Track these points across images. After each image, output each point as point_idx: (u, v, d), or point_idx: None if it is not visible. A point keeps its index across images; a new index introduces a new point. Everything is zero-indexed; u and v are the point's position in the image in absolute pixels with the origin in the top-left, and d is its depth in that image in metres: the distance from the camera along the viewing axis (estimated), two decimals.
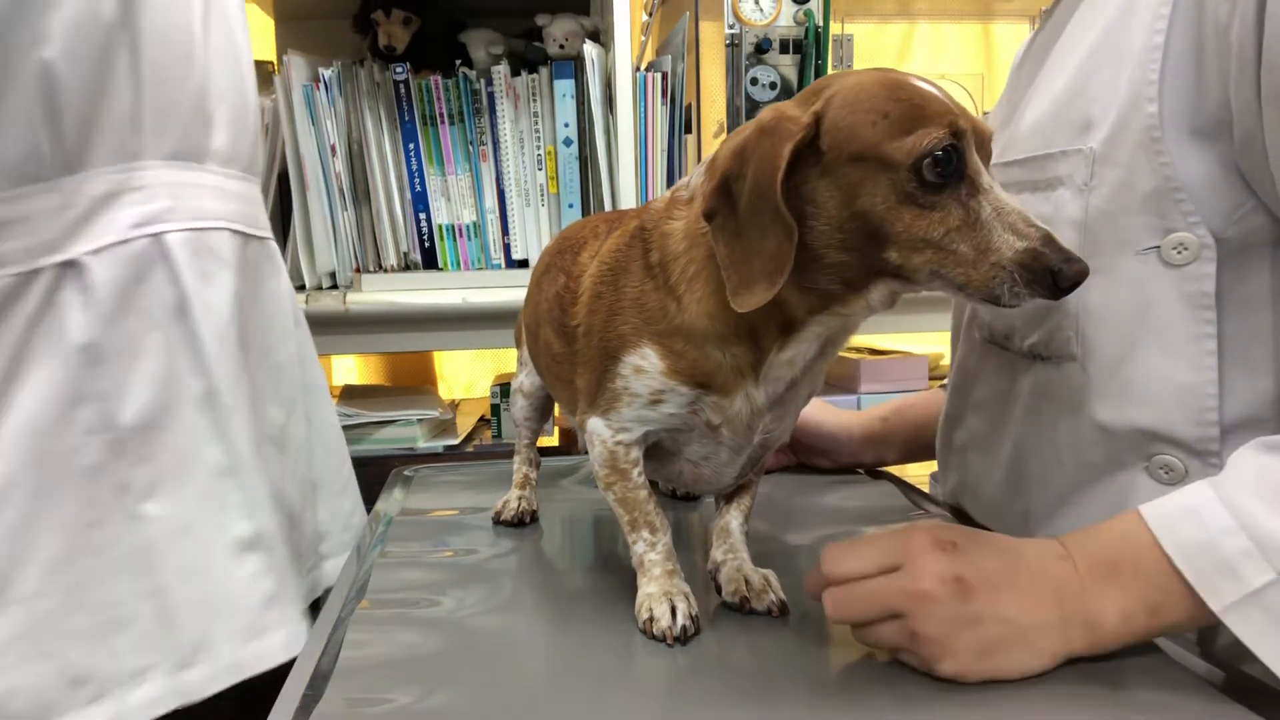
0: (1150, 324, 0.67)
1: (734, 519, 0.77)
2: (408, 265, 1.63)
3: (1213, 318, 0.65)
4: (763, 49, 1.62)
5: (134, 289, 0.71)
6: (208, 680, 0.73)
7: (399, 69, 1.58)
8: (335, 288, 1.61)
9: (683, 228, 0.66)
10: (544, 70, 1.61)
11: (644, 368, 0.67)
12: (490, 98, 1.61)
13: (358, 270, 1.61)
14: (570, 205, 1.63)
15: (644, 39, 1.91)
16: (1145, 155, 0.65)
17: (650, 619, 0.67)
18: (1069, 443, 0.73)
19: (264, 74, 1.75)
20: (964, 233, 0.57)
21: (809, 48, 1.62)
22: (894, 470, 1.12)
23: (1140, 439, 0.69)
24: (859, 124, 0.58)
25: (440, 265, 1.63)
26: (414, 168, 1.61)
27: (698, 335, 0.66)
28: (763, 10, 1.63)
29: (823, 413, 1.07)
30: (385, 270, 1.62)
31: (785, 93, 1.64)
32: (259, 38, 2.03)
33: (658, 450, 0.74)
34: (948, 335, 0.99)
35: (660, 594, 0.69)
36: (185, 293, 0.74)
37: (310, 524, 0.90)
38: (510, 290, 1.56)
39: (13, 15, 0.64)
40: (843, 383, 1.77)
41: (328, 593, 0.80)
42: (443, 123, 1.61)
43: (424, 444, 1.71)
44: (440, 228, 1.63)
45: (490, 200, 1.63)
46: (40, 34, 0.66)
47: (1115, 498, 0.70)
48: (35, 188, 0.67)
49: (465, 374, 2.33)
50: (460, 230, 1.63)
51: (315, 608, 0.90)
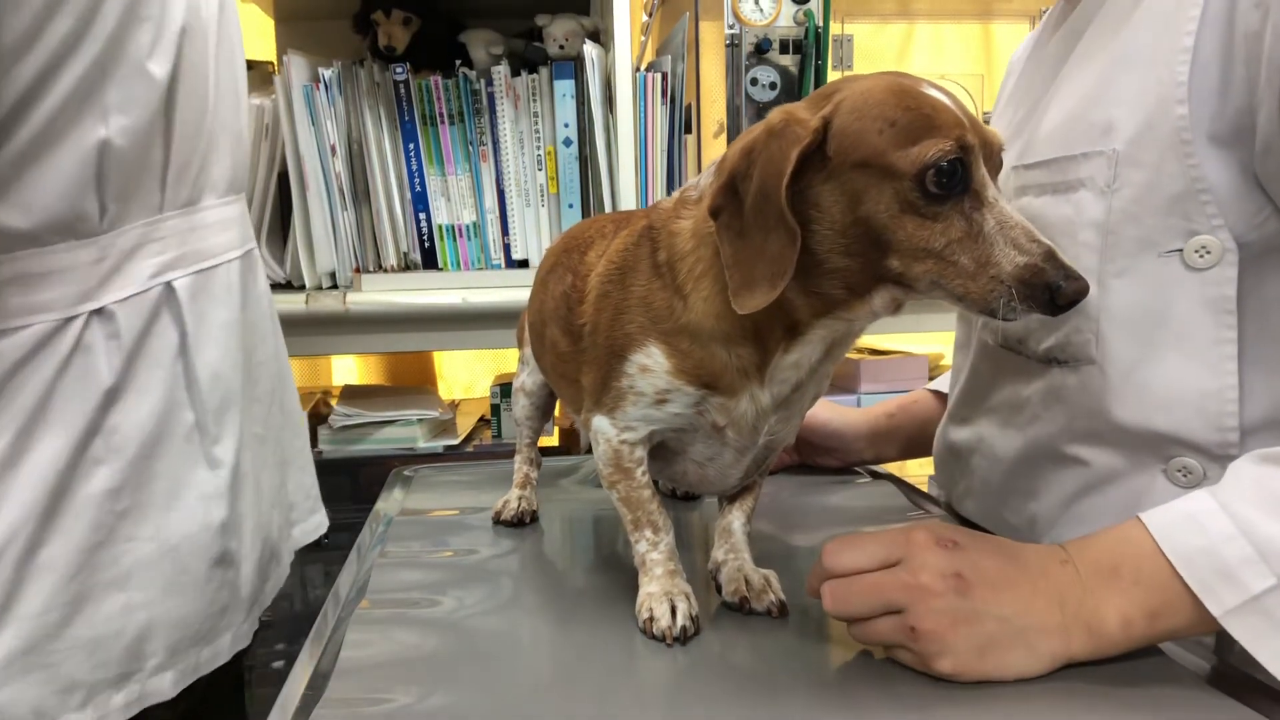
0: (1171, 327, 0.67)
1: (736, 519, 0.77)
2: (408, 265, 1.63)
3: (1234, 322, 0.65)
4: (763, 49, 1.62)
5: (148, 333, 0.77)
6: (175, 683, 0.79)
7: (399, 69, 1.57)
8: (335, 288, 1.61)
9: (690, 227, 0.67)
10: (544, 70, 1.61)
11: (650, 366, 0.67)
12: (490, 98, 1.61)
13: (358, 270, 1.61)
14: (570, 205, 1.63)
15: (644, 39, 1.91)
16: (1174, 157, 0.65)
17: (650, 619, 0.67)
18: (1084, 445, 0.73)
19: (264, 74, 1.75)
20: (965, 245, 0.57)
21: (809, 48, 1.62)
22: (894, 470, 1.12)
23: (1159, 442, 0.69)
24: (866, 131, 0.58)
25: (440, 265, 1.63)
26: (414, 168, 1.61)
27: (703, 335, 0.66)
28: (763, 10, 1.63)
29: (828, 412, 1.07)
30: (385, 270, 1.62)
31: (785, 93, 1.64)
32: (259, 38, 2.03)
33: (662, 450, 0.74)
34: (948, 335, 0.99)
35: (661, 594, 0.69)
36: (186, 334, 0.79)
37: (283, 503, 0.98)
38: (510, 290, 1.56)
39: (85, 93, 0.69)
40: (843, 383, 1.77)
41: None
42: (443, 123, 1.61)
43: (424, 444, 1.71)
44: (440, 228, 1.63)
45: (490, 200, 1.63)
46: (103, 110, 0.70)
47: (1131, 500, 0.70)
48: (79, 243, 0.72)
49: (465, 374, 2.33)
50: (460, 230, 1.63)
51: (313, 608, 0.91)
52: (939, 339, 1.95)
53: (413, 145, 1.61)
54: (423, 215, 1.63)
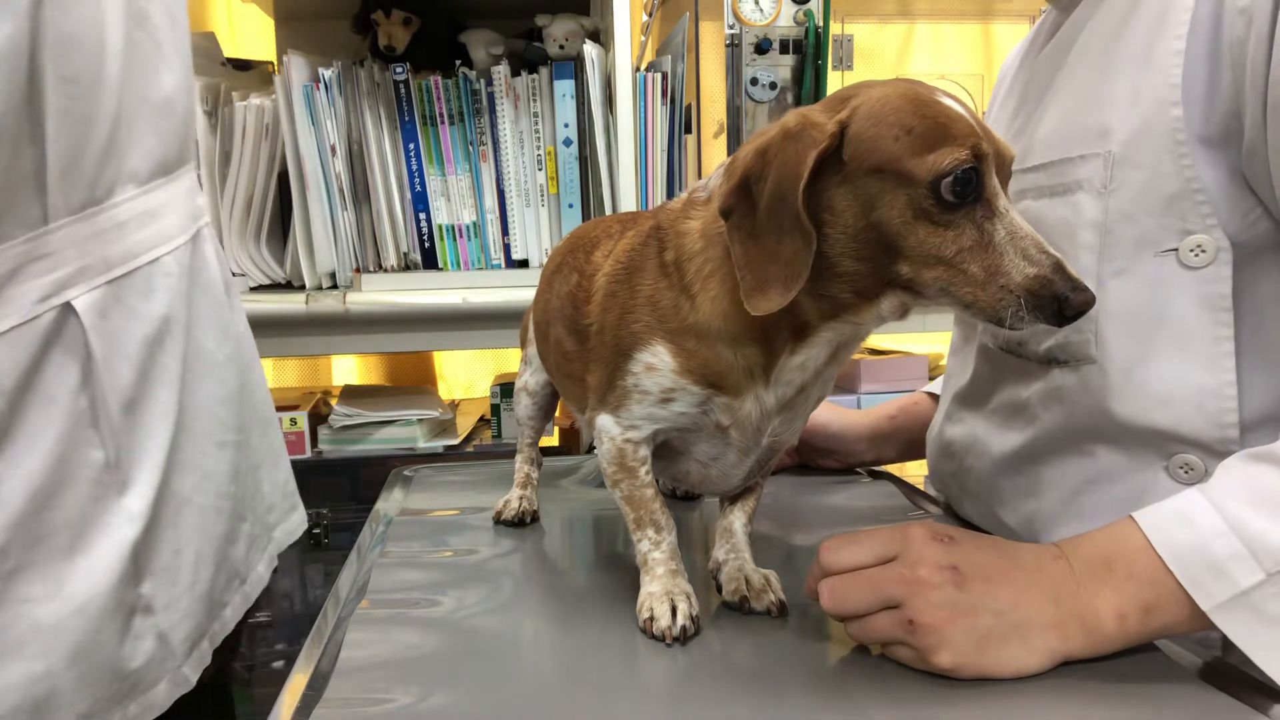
0: (1168, 326, 0.68)
1: (737, 519, 0.77)
2: (408, 265, 1.63)
3: (1230, 319, 0.66)
4: (763, 49, 1.62)
5: (38, 369, 0.64)
6: (166, 696, 0.72)
7: (399, 69, 1.58)
8: (335, 288, 1.61)
9: (699, 227, 0.67)
10: (544, 70, 1.61)
11: (655, 365, 0.67)
12: (490, 98, 1.61)
13: (358, 270, 1.61)
14: (570, 205, 1.63)
15: (644, 39, 1.91)
16: (1169, 158, 0.66)
17: (651, 618, 0.67)
18: (1086, 443, 0.74)
19: (264, 74, 1.75)
20: (976, 253, 0.58)
21: (809, 48, 1.62)
22: (893, 470, 1.12)
23: (1159, 439, 0.69)
24: (882, 136, 0.58)
25: (440, 265, 1.63)
26: (414, 168, 1.61)
27: (710, 334, 0.66)
28: (763, 10, 1.63)
29: (829, 413, 1.07)
30: (385, 270, 1.62)
31: (785, 93, 1.64)
32: (259, 38, 2.03)
33: (666, 450, 0.74)
34: (948, 335, 0.99)
35: (662, 593, 0.69)
36: (92, 359, 0.67)
37: (258, 508, 0.88)
38: (510, 290, 1.56)
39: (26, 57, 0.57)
40: (843, 383, 1.77)
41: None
42: (443, 123, 1.61)
43: (424, 444, 1.71)
44: (440, 228, 1.63)
45: (490, 200, 1.63)
46: (41, 67, 0.59)
47: (1132, 497, 0.71)
48: (33, 235, 0.61)
49: (465, 374, 2.33)
50: (460, 230, 1.63)
51: (313, 608, 0.90)
52: (939, 339, 1.95)
53: (413, 145, 1.61)
54: (423, 215, 1.63)
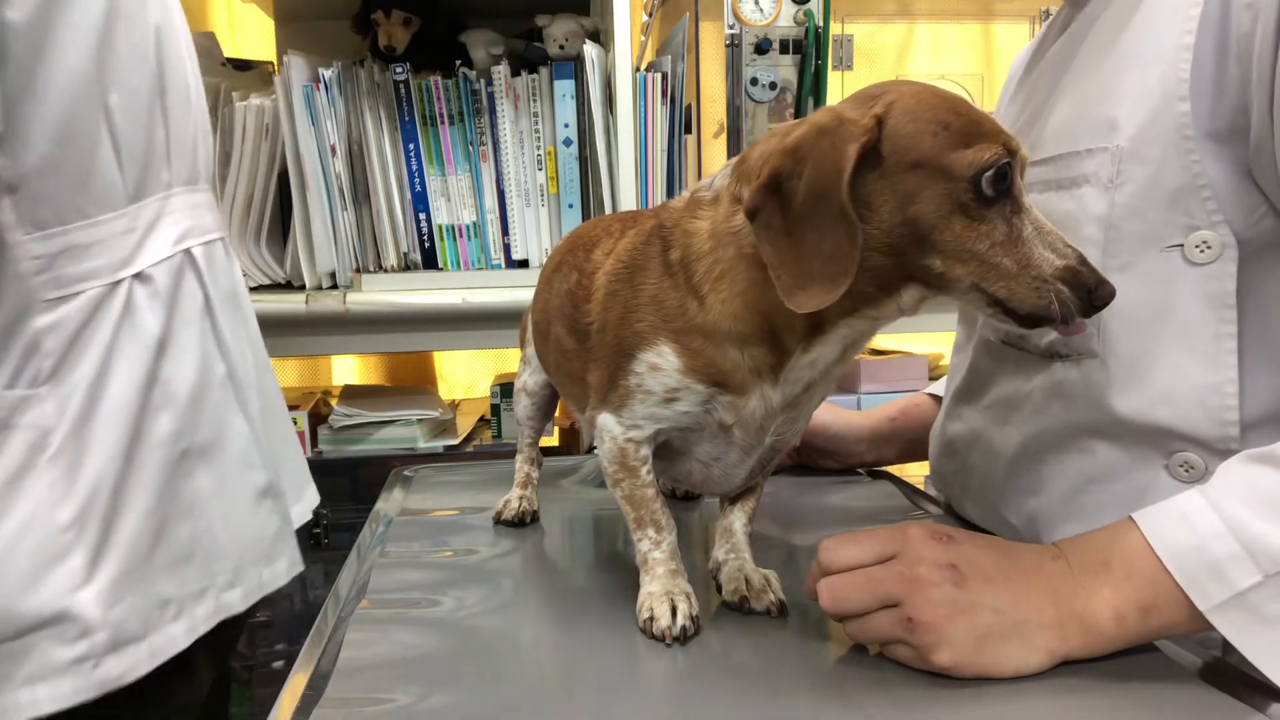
0: (1172, 322, 0.68)
1: (737, 519, 0.77)
2: (408, 265, 1.63)
3: (1233, 317, 0.66)
4: (763, 49, 1.62)
5: (179, 293, 0.88)
6: (243, 598, 0.92)
7: (399, 69, 1.58)
8: (335, 288, 1.61)
9: (708, 227, 0.66)
10: (544, 70, 1.61)
11: (660, 365, 0.67)
12: (490, 98, 1.61)
13: (358, 270, 1.61)
14: (570, 205, 1.63)
15: (644, 39, 1.91)
16: (1176, 153, 0.66)
17: (651, 618, 0.67)
18: (1087, 439, 0.74)
19: (264, 74, 1.75)
20: (1007, 247, 0.59)
21: (809, 48, 1.62)
22: (893, 470, 1.12)
23: (1160, 436, 0.69)
24: (921, 132, 0.59)
25: (440, 265, 1.63)
26: (414, 168, 1.61)
27: (718, 335, 0.66)
28: (763, 10, 1.63)
29: (828, 414, 1.07)
30: (385, 270, 1.62)
31: (785, 93, 1.64)
32: (259, 38, 2.03)
33: (667, 450, 0.73)
34: (948, 335, 0.99)
35: (662, 593, 0.69)
36: (208, 294, 0.91)
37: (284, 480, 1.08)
38: (510, 290, 1.56)
39: (94, 70, 0.80)
40: (843, 382, 1.77)
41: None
42: (443, 123, 1.61)
43: (424, 444, 1.72)
44: (440, 228, 1.63)
45: (490, 200, 1.63)
46: (106, 84, 0.81)
47: (1133, 496, 0.70)
48: (112, 214, 0.83)
49: (465, 374, 2.33)
50: (460, 230, 1.63)
51: (313, 608, 0.93)
52: (939, 339, 1.95)
53: (413, 145, 1.61)
54: (423, 215, 1.63)
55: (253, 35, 2.05)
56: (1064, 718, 0.56)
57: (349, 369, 2.29)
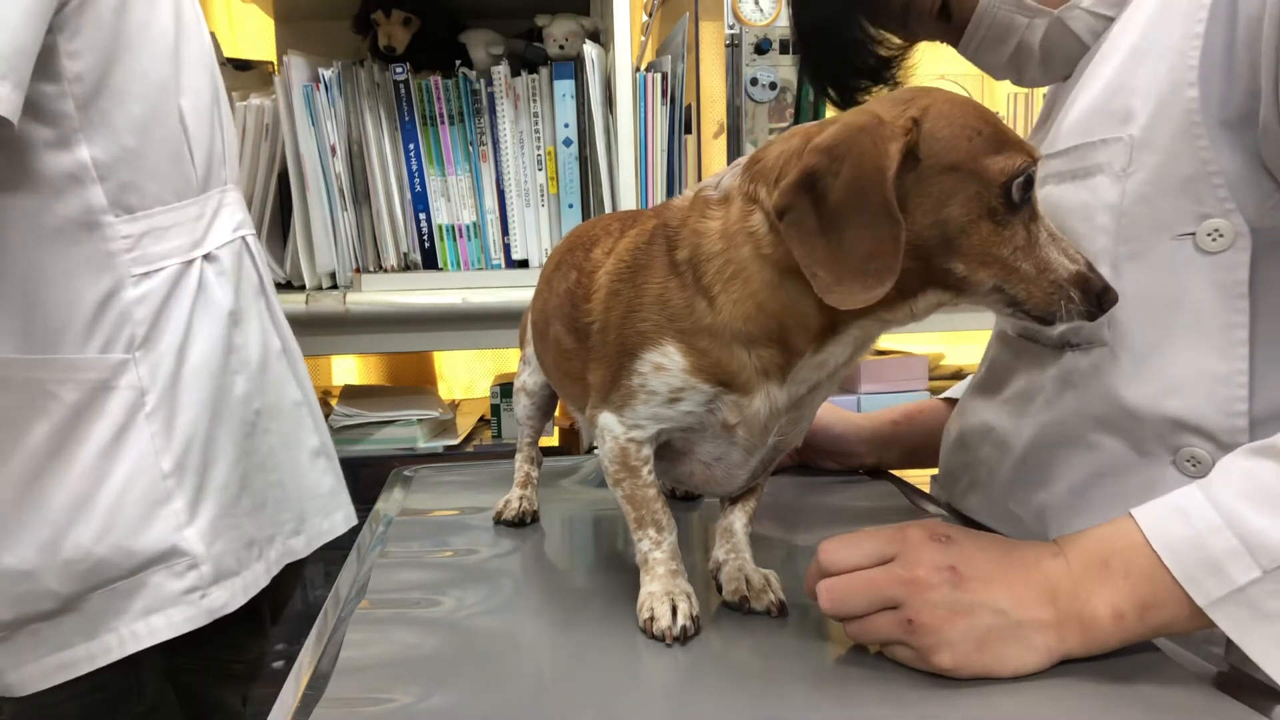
0: (1183, 311, 0.68)
1: (738, 519, 0.76)
2: (408, 265, 1.63)
3: (1245, 306, 0.66)
4: (763, 49, 1.62)
5: (241, 273, 1.02)
6: (306, 544, 1.07)
7: (399, 69, 1.57)
8: (335, 288, 1.61)
9: (719, 227, 0.66)
10: (544, 70, 1.61)
11: (665, 365, 0.67)
12: (490, 98, 1.61)
13: (358, 270, 1.61)
14: (570, 205, 1.63)
15: (644, 39, 1.91)
16: (1185, 140, 0.66)
17: (651, 618, 0.67)
18: (1095, 432, 0.74)
19: (264, 74, 1.75)
20: (1026, 252, 0.61)
21: None
22: (894, 471, 1.12)
23: (1168, 428, 0.69)
24: (956, 137, 0.60)
25: (440, 265, 1.63)
26: (414, 168, 1.61)
27: (727, 335, 0.65)
28: (763, 10, 1.63)
29: (830, 415, 1.07)
30: (385, 270, 1.62)
31: (785, 93, 1.64)
32: (259, 38, 2.03)
33: (668, 450, 0.73)
34: (948, 335, 0.99)
35: (662, 593, 0.68)
36: (260, 276, 1.06)
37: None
38: (510, 290, 1.56)
39: (168, 76, 0.94)
40: (843, 382, 1.76)
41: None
42: (443, 123, 1.61)
43: (424, 444, 1.71)
44: (440, 228, 1.63)
45: (490, 200, 1.63)
46: (180, 88, 0.96)
47: (1140, 491, 0.70)
48: (187, 201, 0.96)
49: (465, 374, 2.33)
50: (460, 230, 1.63)
51: (313, 608, 0.95)
52: (939, 339, 1.95)
53: (413, 145, 1.61)
54: (423, 215, 1.63)
55: (253, 35, 2.05)
56: (1064, 718, 0.56)
57: (349, 369, 2.29)
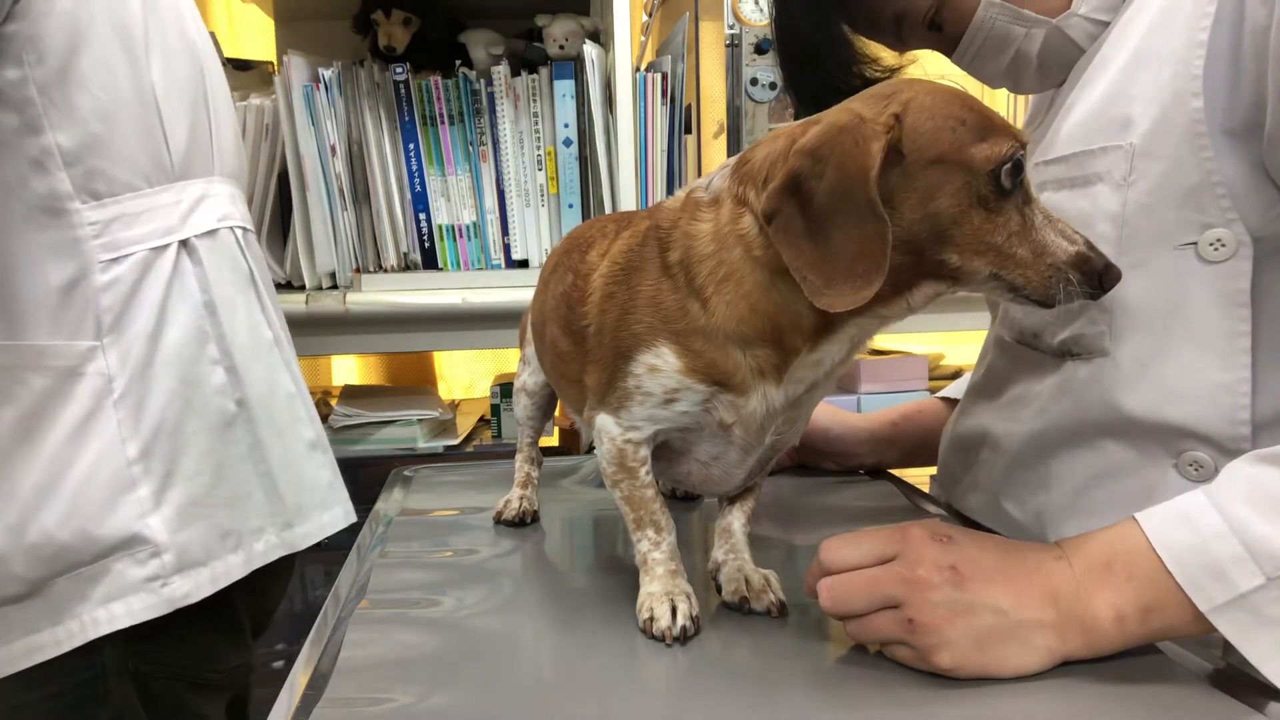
0: (1184, 320, 0.68)
1: (736, 519, 0.76)
2: (408, 265, 1.63)
3: (1247, 315, 0.66)
4: (763, 49, 1.62)
5: (225, 263, 1.00)
6: (303, 537, 1.04)
7: (399, 69, 1.57)
8: (335, 288, 1.61)
9: (710, 229, 0.66)
10: (544, 70, 1.61)
11: (659, 366, 0.67)
12: (490, 98, 1.61)
13: (358, 270, 1.61)
14: (570, 205, 1.63)
15: (644, 39, 1.91)
16: (1189, 149, 0.66)
17: (650, 618, 0.67)
18: (1096, 437, 0.74)
19: (264, 74, 1.75)
20: (1022, 237, 0.61)
21: None
22: (893, 470, 1.12)
23: (1170, 435, 0.69)
24: (939, 129, 0.59)
25: (440, 265, 1.63)
26: (414, 168, 1.61)
27: (720, 336, 0.65)
28: (762, 10, 1.63)
29: (828, 418, 1.07)
30: (385, 270, 1.62)
31: (785, 93, 1.64)
32: (259, 38, 2.03)
33: (666, 450, 0.73)
34: (949, 335, 0.99)
35: (662, 594, 0.68)
36: (251, 268, 1.04)
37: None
38: (510, 290, 1.56)
39: (130, 64, 0.93)
40: (843, 382, 1.77)
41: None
42: (442, 123, 1.61)
43: (424, 444, 1.71)
44: (440, 228, 1.63)
45: (490, 200, 1.63)
46: (153, 76, 0.95)
47: (1142, 494, 0.70)
48: (161, 188, 0.95)
49: (465, 374, 2.33)
50: (460, 230, 1.63)
51: (313, 608, 0.94)
52: (939, 339, 1.95)
53: (413, 145, 1.61)
54: (423, 215, 1.63)
55: (253, 35, 2.05)
56: (1064, 717, 0.56)
57: (349, 369, 2.29)
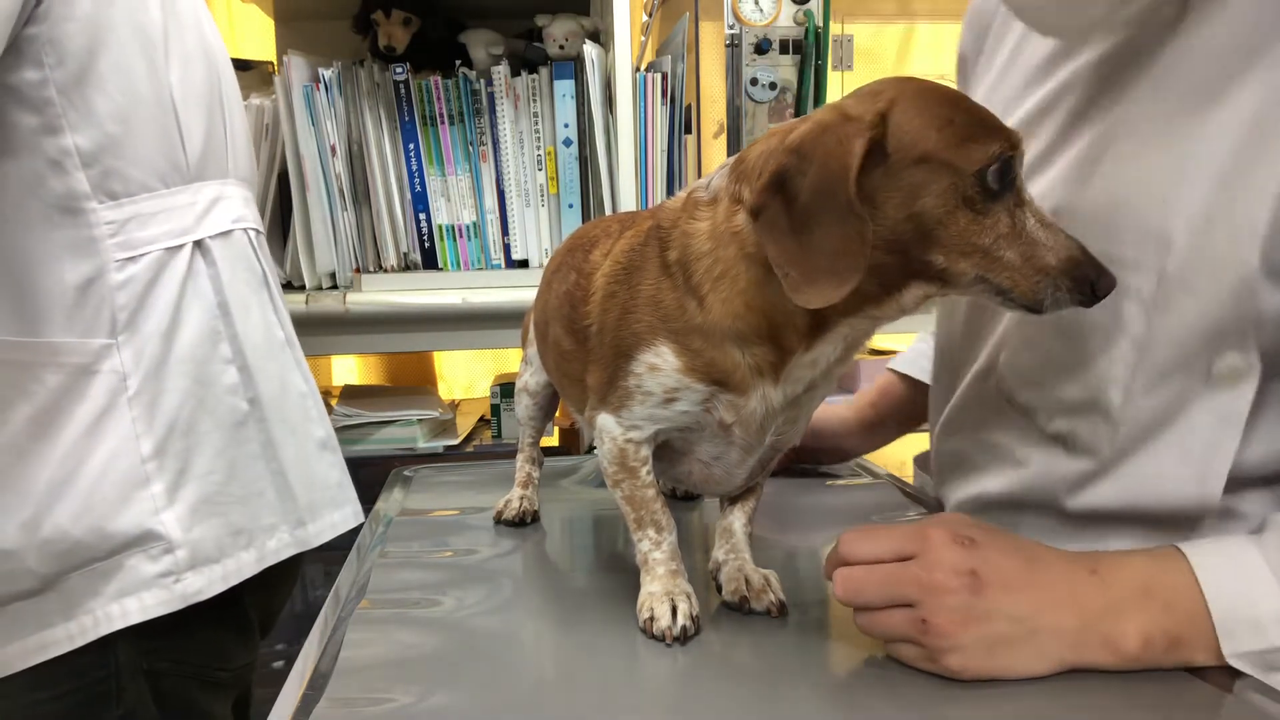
0: (1176, 431, 0.66)
1: (737, 519, 0.76)
2: (408, 265, 1.63)
3: (1237, 434, 0.64)
4: (763, 49, 1.62)
5: (239, 264, 1.01)
6: (315, 535, 1.04)
7: (399, 69, 1.57)
8: (335, 288, 1.61)
9: (707, 228, 0.66)
10: (544, 70, 1.61)
11: (659, 365, 0.67)
12: (490, 98, 1.61)
13: (358, 270, 1.61)
14: (570, 205, 1.63)
15: (644, 39, 1.91)
16: (1231, 296, 0.62)
17: (651, 618, 0.67)
18: (1068, 517, 0.73)
19: (264, 74, 1.75)
20: (1010, 240, 0.59)
21: (809, 48, 1.62)
22: (893, 471, 1.12)
23: (1135, 513, 0.69)
24: (925, 127, 0.59)
25: (440, 265, 1.63)
26: (414, 168, 1.61)
27: (718, 334, 0.65)
28: (762, 10, 1.63)
29: (819, 418, 1.07)
30: (385, 270, 1.62)
31: (785, 93, 1.64)
32: (259, 38, 2.03)
33: (667, 450, 0.73)
34: None
35: (662, 593, 0.69)
36: (264, 270, 1.05)
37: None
38: (510, 290, 1.56)
39: (149, 67, 0.93)
40: (842, 382, 1.77)
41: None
42: (442, 123, 1.61)
43: (424, 444, 1.71)
44: (440, 228, 1.63)
45: (490, 200, 1.63)
46: (171, 79, 0.95)
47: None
48: (176, 190, 0.96)
49: (465, 374, 2.33)
50: (460, 230, 1.63)
51: (313, 608, 0.94)
52: None
53: (413, 145, 1.61)
54: (423, 215, 1.63)
55: (253, 35, 2.05)
56: (1065, 717, 0.56)
57: (349, 369, 2.29)
